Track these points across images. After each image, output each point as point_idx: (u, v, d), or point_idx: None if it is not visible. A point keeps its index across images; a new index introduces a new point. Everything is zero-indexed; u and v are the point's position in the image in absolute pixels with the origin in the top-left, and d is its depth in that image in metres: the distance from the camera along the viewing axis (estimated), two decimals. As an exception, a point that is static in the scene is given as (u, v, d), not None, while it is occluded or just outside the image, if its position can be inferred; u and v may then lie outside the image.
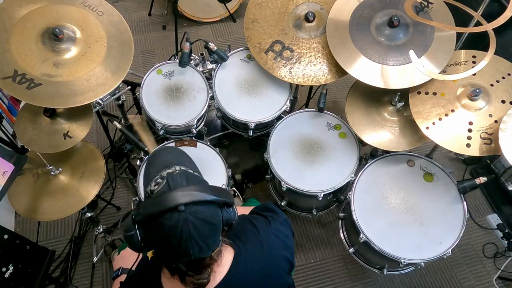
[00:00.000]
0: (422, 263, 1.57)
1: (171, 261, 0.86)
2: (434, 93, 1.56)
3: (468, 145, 1.46)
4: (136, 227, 0.83)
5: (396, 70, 1.56)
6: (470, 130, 1.48)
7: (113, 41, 1.57)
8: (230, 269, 0.94)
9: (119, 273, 1.27)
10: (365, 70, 1.58)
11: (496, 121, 1.47)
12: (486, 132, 1.47)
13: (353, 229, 1.70)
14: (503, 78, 1.53)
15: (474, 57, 1.59)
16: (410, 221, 1.60)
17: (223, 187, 1.69)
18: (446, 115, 1.52)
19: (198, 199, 0.81)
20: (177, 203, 0.79)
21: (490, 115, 1.49)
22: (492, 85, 1.53)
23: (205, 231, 0.81)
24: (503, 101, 1.50)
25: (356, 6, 1.68)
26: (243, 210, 1.20)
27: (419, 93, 1.58)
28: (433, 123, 1.51)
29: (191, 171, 0.92)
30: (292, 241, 1.10)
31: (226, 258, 0.94)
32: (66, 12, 1.53)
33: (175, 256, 0.83)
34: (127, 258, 1.30)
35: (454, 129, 1.49)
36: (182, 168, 0.90)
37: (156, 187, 0.85)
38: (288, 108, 1.84)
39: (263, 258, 0.99)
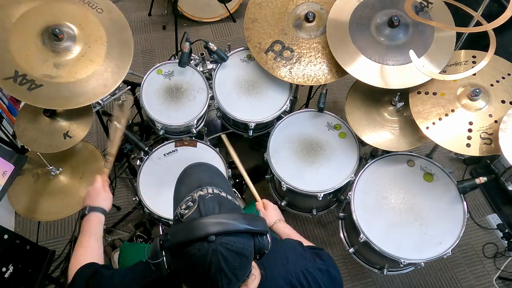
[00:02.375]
0: (422, 263, 1.57)
1: None
2: (434, 93, 1.56)
3: (468, 145, 1.46)
4: (164, 254, 0.79)
5: (396, 70, 1.56)
6: (470, 130, 1.48)
7: (113, 40, 1.56)
8: None
9: (86, 212, 1.20)
10: (365, 70, 1.58)
11: (496, 121, 1.47)
12: (486, 132, 1.47)
13: (353, 229, 1.70)
14: (503, 78, 1.53)
15: (474, 57, 1.59)
16: (410, 221, 1.60)
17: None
18: (446, 115, 1.52)
19: (230, 229, 0.75)
20: (208, 232, 0.73)
21: (490, 115, 1.49)
22: (492, 85, 1.53)
23: (235, 264, 0.76)
24: (503, 101, 1.50)
25: (356, 6, 1.68)
26: (296, 236, 1.20)
27: (419, 93, 1.58)
28: (433, 123, 1.51)
29: (224, 195, 0.85)
30: None
31: (255, 280, 0.91)
32: (66, 10, 1.52)
33: (202, 287, 0.80)
34: (94, 195, 1.25)
35: (454, 129, 1.49)
36: (215, 190, 0.84)
37: (186, 211, 0.80)
38: (288, 108, 1.84)
39: None
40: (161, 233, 1.73)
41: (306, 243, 1.16)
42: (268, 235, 0.84)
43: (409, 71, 1.55)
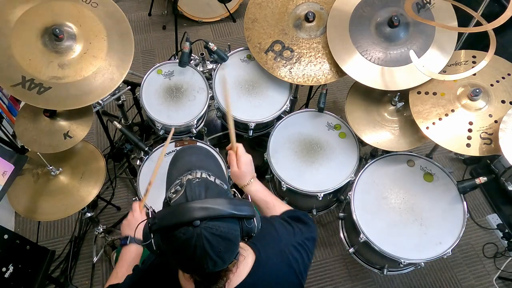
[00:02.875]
0: (422, 263, 1.57)
1: (185, 271, 0.86)
2: (434, 93, 1.56)
3: (468, 145, 1.46)
4: (152, 236, 0.82)
5: (396, 71, 1.56)
6: (470, 130, 1.48)
7: (112, 33, 1.56)
8: (250, 274, 0.93)
9: (127, 242, 1.24)
10: (365, 71, 1.58)
11: (496, 121, 1.47)
12: (486, 132, 1.47)
13: (353, 229, 1.70)
14: (503, 78, 1.54)
15: (474, 57, 1.59)
16: (410, 221, 1.60)
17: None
18: (446, 115, 1.52)
19: (214, 214, 0.77)
20: (193, 217, 0.76)
21: (490, 115, 1.49)
22: (492, 85, 1.53)
23: (220, 247, 0.78)
24: (503, 101, 1.50)
25: (356, 5, 1.67)
26: (278, 207, 1.19)
27: (419, 93, 1.58)
28: (433, 123, 1.51)
29: (213, 179, 0.87)
30: (310, 259, 1.06)
31: (248, 259, 0.94)
32: (61, 9, 1.51)
33: (189, 268, 0.83)
34: (134, 225, 1.25)
35: (454, 129, 1.49)
36: (203, 175, 0.86)
37: (174, 195, 0.83)
38: (288, 108, 1.84)
39: (278, 267, 0.98)
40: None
41: (281, 206, 1.18)
42: (255, 219, 0.86)
43: (409, 71, 1.55)
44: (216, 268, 0.80)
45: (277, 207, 1.18)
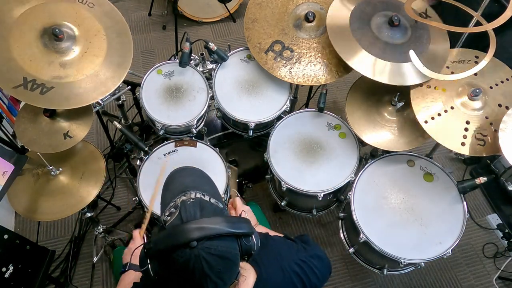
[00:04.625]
0: (422, 263, 1.57)
1: None
2: (436, 88, 1.56)
3: (462, 144, 1.47)
4: (149, 261, 0.80)
5: (397, 67, 1.56)
6: (466, 129, 1.49)
7: (111, 32, 1.57)
8: None
9: (126, 269, 1.22)
10: (368, 65, 1.57)
11: (491, 124, 1.48)
12: (481, 133, 1.47)
13: (353, 229, 1.70)
14: (502, 82, 1.55)
15: (476, 57, 1.60)
16: (410, 221, 1.60)
17: (223, 187, 1.69)
18: (446, 111, 1.52)
19: (211, 234, 0.75)
20: (189, 238, 0.74)
21: (486, 117, 1.50)
22: (491, 87, 1.54)
23: (219, 267, 0.76)
24: (499, 105, 1.51)
25: (356, 6, 1.67)
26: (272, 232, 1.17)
27: (420, 85, 1.58)
28: (432, 118, 1.52)
29: (207, 198, 0.86)
30: (320, 280, 1.02)
31: (249, 279, 0.91)
32: (58, 9, 1.52)
33: None
34: (136, 253, 1.24)
35: (452, 127, 1.50)
36: (197, 195, 0.85)
37: (169, 218, 0.81)
38: (288, 108, 1.84)
39: (281, 286, 0.96)
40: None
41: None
42: (254, 235, 0.84)
43: (410, 69, 1.55)
44: None
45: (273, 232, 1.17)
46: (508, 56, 1.57)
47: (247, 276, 0.91)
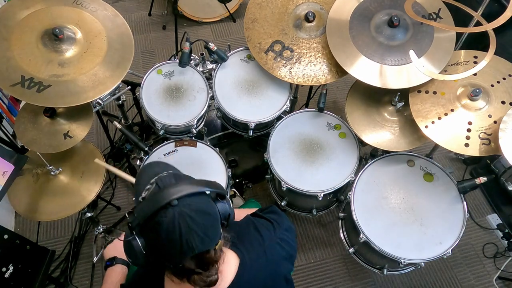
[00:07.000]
0: (422, 263, 1.57)
1: (177, 260, 0.84)
2: (434, 92, 1.56)
3: (466, 145, 1.46)
4: (135, 234, 0.83)
5: (395, 70, 1.56)
6: (469, 130, 1.48)
7: (112, 34, 1.58)
8: (237, 275, 0.93)
9: (113, 262, 1.23)
10: (365, 69, 1.58)
11: (495, 122, 1.47)
12: (485, 133, 1.47)
13: (353, 229, 1.70)
14: (504, 79, 1.53)
15: (475, 57, 1.59)
16: (410, 221, 1.60)
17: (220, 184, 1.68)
18: (446, 114, 1.52)
19: (189, 192, 0.82)
20: (170, 198, 0.79)
21: (490, 116, 1.49)
22: (492, 85, 1.53)
23: (203, 221, 0.82)
24: (503, 102, 1.50)
25: (356, 6, 1.67)
26: (245, 211, 1.19)
27: (419, 92, 1.58)
28: (432, 122, 1.51)
29: (181, 174, 0.93)
30: (295, 249, 1.09)
31: (231, 263, 0.94)
32: (61, 13, 1.54)
33: (179, 253, 0.82)
34: (121, 248, 1.28)
35: (453, 129, 1.49)
36: (170, 172, 0.92)
37: (146, 192, 0.86)
38: (288, 108, 1.84)
39: (266, 267, 0.99)
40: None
41: (250, 212, 1.19)
42: (227, 198, 0.92)
43: (409, 71, 1.55)
44: (204, 245, 0.82)
45: (247, 211, 1.19)
46: (508, 56, 1.56)
47: (229, 258, 0.94)
